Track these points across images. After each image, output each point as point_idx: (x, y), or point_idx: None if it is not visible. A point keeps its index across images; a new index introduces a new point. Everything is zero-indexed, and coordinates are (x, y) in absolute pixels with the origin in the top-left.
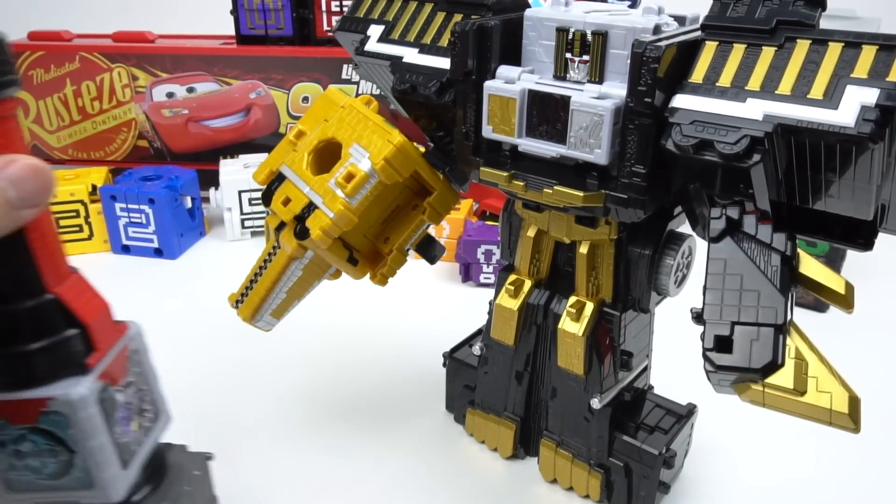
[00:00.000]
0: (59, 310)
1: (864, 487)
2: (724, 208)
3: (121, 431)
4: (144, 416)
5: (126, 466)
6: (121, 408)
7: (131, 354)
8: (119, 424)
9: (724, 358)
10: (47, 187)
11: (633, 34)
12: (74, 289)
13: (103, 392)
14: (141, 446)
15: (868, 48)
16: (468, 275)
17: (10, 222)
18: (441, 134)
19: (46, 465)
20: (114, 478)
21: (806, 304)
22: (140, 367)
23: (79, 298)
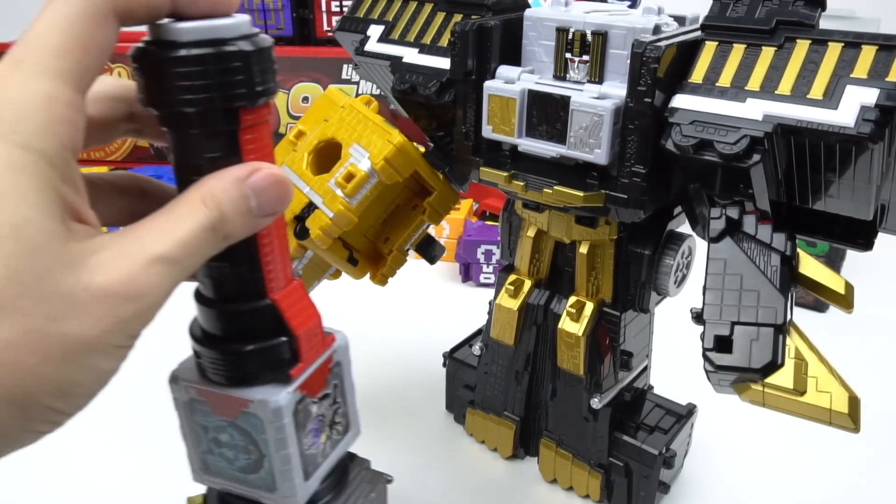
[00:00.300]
0: (274, 316)
1: (864, 487)
2: (724, 208)
3: (309, 443)
4: (335, 429)
5: (308, 477)
6: (314, 420)
7: (333, 367)
8: (309, 436)
9: (724, 358)
10: (286, 198)
11: (633, 34)
12: (291, 297)
13: (299, 403)
14: (326, 459)
15: (868, 48)
16: (468, 275)
17: (248, 230)
18: (441, 134)
19: (238, 459)
20: (294, 488)
21: (806, 304)
22: (339, 380)
23: (293, 307)
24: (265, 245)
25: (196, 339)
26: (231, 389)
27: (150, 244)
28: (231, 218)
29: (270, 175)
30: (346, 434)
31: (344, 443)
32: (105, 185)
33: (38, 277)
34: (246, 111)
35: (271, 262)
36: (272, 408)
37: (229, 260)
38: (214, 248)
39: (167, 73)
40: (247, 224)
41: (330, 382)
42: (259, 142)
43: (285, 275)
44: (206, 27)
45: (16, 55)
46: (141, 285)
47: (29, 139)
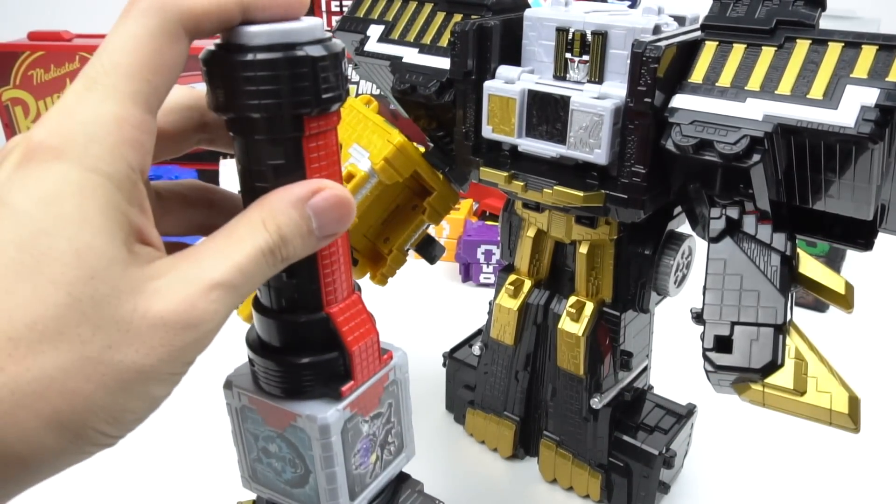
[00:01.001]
0: (328, 330)
1: (864, 487)
2: (724, 208)
3: (358, 462)
4: (386, 449)
5: (354, 498)
6: (364, 439)
7: (388, 385)
8: (358, 455)
9: (723, 358)
10: (347, 219)
11: (633, 34)
12: (349, 311)
13: (349, 422)
14: (375, 479)
15: (868, 48)
16: (468, 275)
17: (307, 251)
18: (441, 134)
19: (285, 471)
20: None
21: (806, 304)
22: (394, 399)
23: (350, 322)
24: (325, 258)
25: (251, 348)
26: (281, 401)
27: (208, 270)
28: (291, 240)
29: (332, 196)
30: (398, 455)
31: (396, 464)
32: (174, 196)
33: (97, 305)
34: (311, 118)
35: (331, 275)
36: (319, 425)
37: (287, 270)
38: (273, 271)
39: (236, 77)
40: (307, 245)
41: (384, 401)
42: (324, 150)
43: (345, 287)
44: (278, 31)
45: (90, 74)
46: (198, 313)
47: (97, 162)
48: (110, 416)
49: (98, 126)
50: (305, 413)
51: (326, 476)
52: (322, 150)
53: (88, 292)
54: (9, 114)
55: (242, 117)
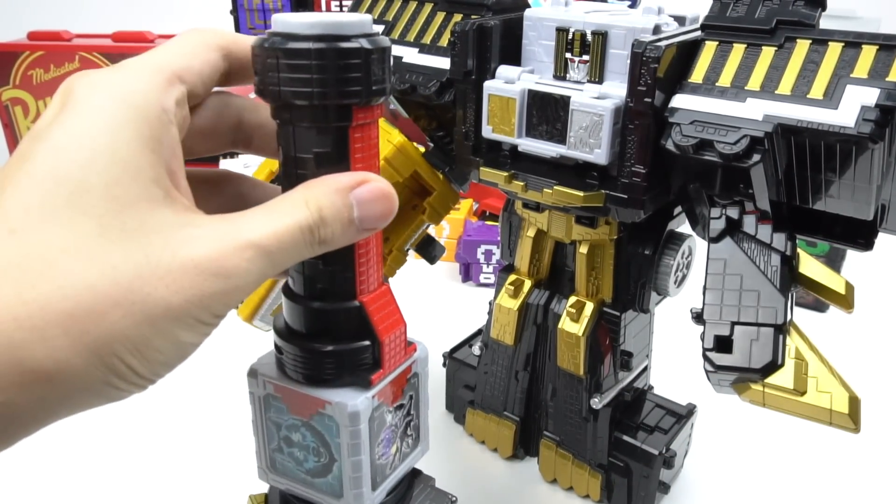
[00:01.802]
0: (360, 318)
1: (864, 487)
2: (724, 208)
3: (381, 452)
4: (405, 442)
5: (375, 487)
6: (387, 429)
7: (411, 377)
8: (381, 445)
9: (724, 358)
10: (390, 214)
11: (633, 34)
12: (380, 301)
13: (376, 410)
14: (394, 471)
15: (868, 48)
16: (468, 275)
17: (346, 240)
18: (441, 134)
19: (308, 461)
20: (362, 496)
21: (806, 304)
22: (415, 392)
23: (381, 312)
24: (362, 247)
25: (279, 335)
26: (310, 389)
27: (245, 230)
28: (331, 223)
29: (377, 189)
30: (415, 448)
31: (412, 457)
32: (204, 181)
33: (128, 237)
34: (359, 109)
35: (365, 265)
36: (350, 411)
37: (323, 257)
38: (309, 251)
39: (285, 64)
40: (346, 234)
41: (406, 393)
42: (367, 141)
43: (376, 278)
44: (329, 22)
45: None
46: (230, 266)
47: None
48: (136, 349)
49: (136, 70)
50: (336, 400)
51: (352, 464)
52: (366, 141)
53: (118, 224)
54: (8, 114)
55: (290, 104)
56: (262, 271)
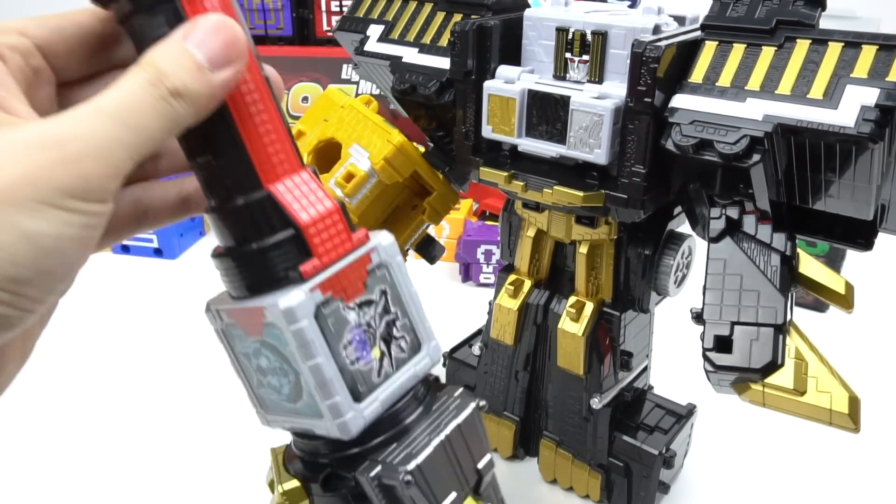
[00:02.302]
0: (274, 208)
1: (864, 487)
2: (724, 208)
3: (353, 356)
4: (394, 345)
5: (360, 398)
6: (353, 329)
7: (373, 269)
8: (350, 347)
9: (723, 358)
10: (233, 41)
11: (633, 34)
12: (295, 185)
13: (324, 306)
14: (387, 379)
15: (868, 48)
16: (468, 275)
17: (207, 86)
18: (441, 134)
19: (283, 386)
20: (339, 407)
21: (806, 304)
22: (387, 286)
23: (297, 196)
24: (247, 124)
25: (212, 255)
26: (249, 300)
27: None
28: (172, 72)
29: (210, 22)
30: (415, 352)
31: (414, 363)
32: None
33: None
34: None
35: (259, 146)
36: (282, 309)
37: (211, 150)
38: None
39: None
40: (201, 79)
41: (373, 287)
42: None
43: (285, 160)
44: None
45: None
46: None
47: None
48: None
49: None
50: (267, 302)
51: (311, 370)
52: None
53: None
54: None
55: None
56: (113, 134)
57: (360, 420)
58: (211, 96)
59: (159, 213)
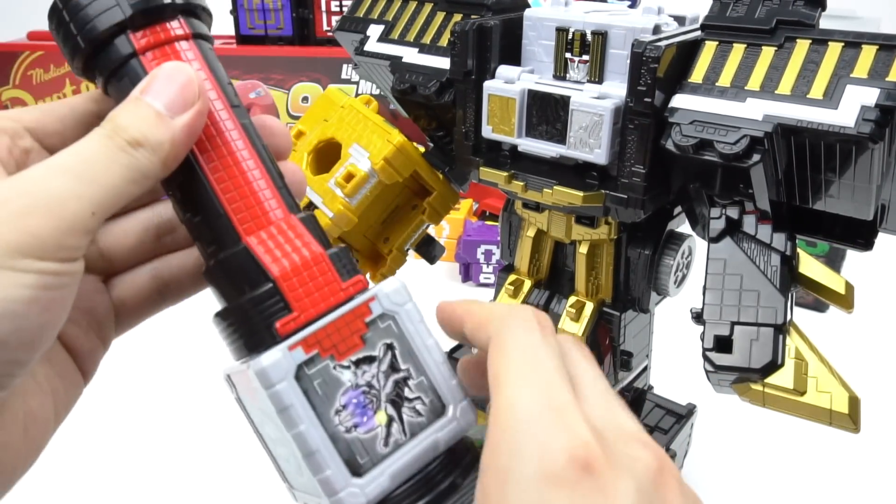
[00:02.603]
0: (249, 262)
1: (864, 487)
2: (724, 208)
3: (349, 423)
4: (407, 408)
5: (360, 471)
6: (349, 391)
7: (373, 321)
8: (345, 412)
9: (723, 358)
10: (189, 83)
11: (633, 34)
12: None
13: (309, 366)
14: (399, 448)
15: (868, 48)
16: (468, 275)
17: (172, 137)
18: (441, 134)
19: (290, 458)
20: (329, 484)
21: (806, 304)
22: (395, 339)
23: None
24: (219, 179)
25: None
26: (240, 364)
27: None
28: (129, 123)
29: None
30: (438, 416)
31: (437, 429)
32: None
33: None
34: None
35: (234, 196)
36: (254, 371)
37: (190, 208)
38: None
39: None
40: (161, 127)
41: (374, 342)
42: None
43: (267, 212)
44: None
45: None
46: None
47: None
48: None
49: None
50: (247, 364)
51: (295, 440)
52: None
53: None
54: None
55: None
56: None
57: (361, 498)
58: (174, 142)
59: (181, 283)
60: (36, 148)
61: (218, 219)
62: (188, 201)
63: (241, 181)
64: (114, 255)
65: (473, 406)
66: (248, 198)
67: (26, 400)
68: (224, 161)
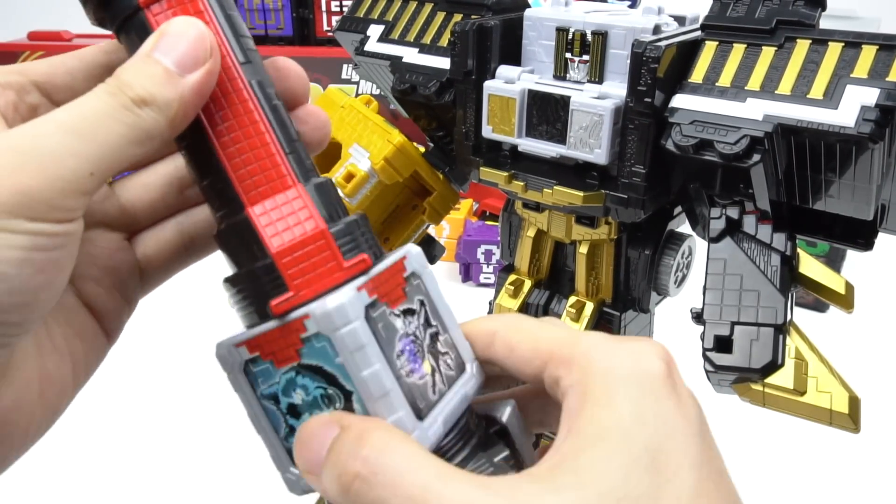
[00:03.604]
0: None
1: (864, 487)
2: (724, 208)
3: (408, 368)
4: (443, 361)
5: (422, 415)
6: (403, 338)
7: (409, 277)
8: (403, 357)
9: (723, 358)
10: (202, 38)
11: (633, 34)
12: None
13: (373, 309)
14: (442, 397)
15: (868, 48)
16: (468, 275)
17: (180, 95)
18: (441, 134)
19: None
20: (403, 424)
21: (806, 304)
22: (424, 297)
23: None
24: (224, 144)
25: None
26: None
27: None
28: (136, 81)
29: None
30: (461, 372)
31: (462, 384)
32: None
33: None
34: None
35: (239, 165)
36: (330, 308)
37: (199, 172)
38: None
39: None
40: (170, 86)
41: (412, 297)
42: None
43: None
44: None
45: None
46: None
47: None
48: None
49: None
50: (313, 307)
51: (369, 380)
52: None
53: None
54: None
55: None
56: (64, 145)
57: (427, 441)
58: (183, 101)
59: (207, 236)
60: (44, 104)
61: (223, 185)
62: (195, 163)
63: (247, 146)
64: (136, 210)
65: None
66: (252, 164)
67: (42, 361)
68: (230, 125)
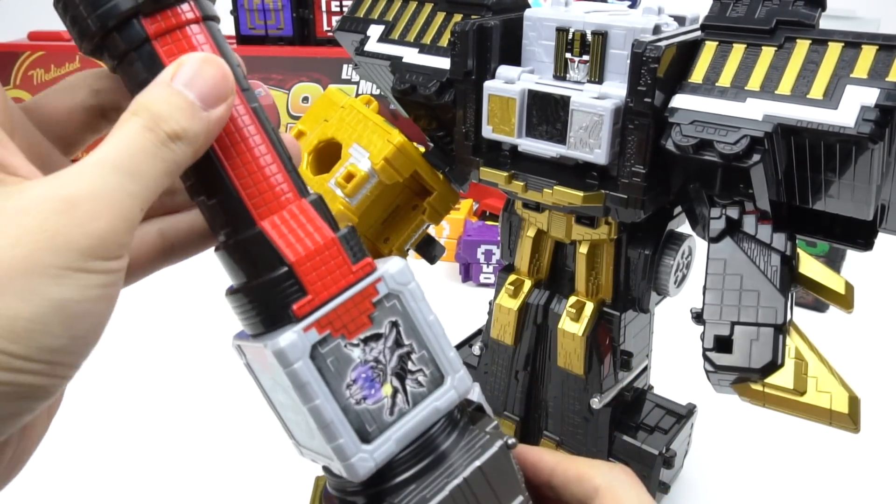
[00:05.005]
0: (265, 246)
1: (863, 487)
2: (724, 208)
3: (359, 395)
4: (411, 380)
5: (369, 439)
6: (359, 367)
7: (380, 301)
8: (355, 387)
9: (723, 358)
10: (223, 75)
11: (633, 34)
12: (288, 219)
13: (322, 345)
14: (402, 416)
15: (868, 48)
16: (468, 275)
17: (203, 125)
18: (441, 134)
19: (300, 423)
20: (342, 451)
21: (806, 304)
22: (399, 317)
23: (288, 231)
24: (232, 161)
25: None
26: (256, 339)
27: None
28: (167, 115)
29: (196, 61)
30: (437, 386)
31: (436, 397)
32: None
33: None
34: (146, 20)
35: (248, 180)
36: (272, 351)
37: (204, 191)
38: (167, 152)
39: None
40: (196, 120)
41: (381, 320)
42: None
43: (280, 193)
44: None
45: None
46: (71, 189)
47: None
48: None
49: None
50: (264, 343)
51: (311, 413)
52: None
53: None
54: None
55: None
56: (122, 187)
57: (370, 462)
58: (207, 135)
59: (187, 244)
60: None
61: (233, 203)
62: (203, 184)
63: (255, 166)
64: None
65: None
66: (261, 183)
67: None
68: (238, 147)
